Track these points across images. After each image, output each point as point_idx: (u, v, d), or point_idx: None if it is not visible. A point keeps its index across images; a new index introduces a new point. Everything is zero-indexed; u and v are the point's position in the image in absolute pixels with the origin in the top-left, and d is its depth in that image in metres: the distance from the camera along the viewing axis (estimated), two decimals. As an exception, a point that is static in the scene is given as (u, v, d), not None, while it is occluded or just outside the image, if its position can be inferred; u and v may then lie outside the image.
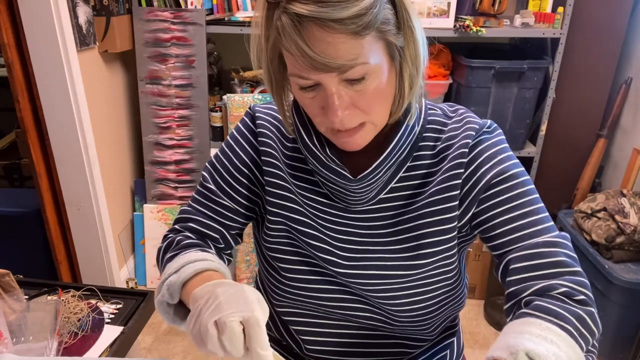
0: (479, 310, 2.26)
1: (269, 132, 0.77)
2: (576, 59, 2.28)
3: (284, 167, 0.76)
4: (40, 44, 1.76)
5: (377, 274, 0.74)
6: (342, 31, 0.56)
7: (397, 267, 0.73)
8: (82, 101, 1.89)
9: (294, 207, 0.76)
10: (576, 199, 2.41)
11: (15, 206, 2.17)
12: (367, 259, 0.74)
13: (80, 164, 1.96)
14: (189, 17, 2.14)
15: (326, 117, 0.64)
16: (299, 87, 0.63)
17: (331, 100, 0.61)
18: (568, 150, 2.45)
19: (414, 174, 0.73)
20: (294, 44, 0.57)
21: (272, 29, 0.61)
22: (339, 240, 0.75)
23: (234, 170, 0.79)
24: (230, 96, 2.26)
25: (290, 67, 0.62)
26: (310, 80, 0.61)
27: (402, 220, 0.74)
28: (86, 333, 1.05)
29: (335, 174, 0.70)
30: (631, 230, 1.85)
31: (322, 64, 0.57)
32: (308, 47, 0.57)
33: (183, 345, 2.04)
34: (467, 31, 2.07)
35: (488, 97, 2.22)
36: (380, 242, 0.74)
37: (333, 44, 0.57)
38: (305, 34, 0.56)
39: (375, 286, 0.74)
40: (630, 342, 1.88)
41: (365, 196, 0.73)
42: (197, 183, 0.84)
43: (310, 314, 0.80)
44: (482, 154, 0.71)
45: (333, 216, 0.75)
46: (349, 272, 0.75)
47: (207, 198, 0.80)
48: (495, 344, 0.59)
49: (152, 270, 2.40)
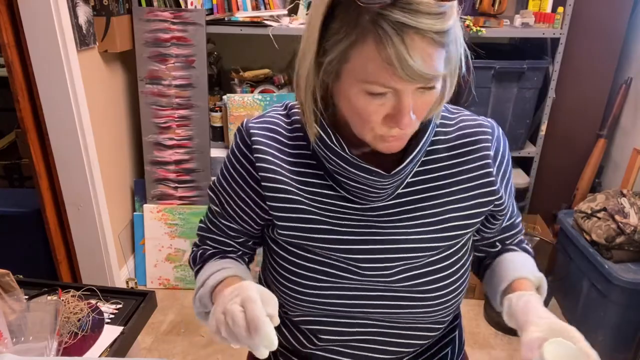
0: (479, 310, 2.26)
1: (265, 146, 0.76)
2: (576, 59, 2.28)
3: (288, 176, 0.75)
4: (40, 44, 1.76)
5: (403, 267, 0.76)
6: (438, 44, 0.58)
7: (421, 262, 0.77)
8: (82, 101, 1.89)
9: (305, 217, 0.75)
10: (576, 199, 2.41)
11: (15, 206, 2.17)
12: (389, 250, 0.76)
13: (80, 163, 1.96)
14: (189, 17, 2.14)
15: (387, 125, 0.64)
16: (368, 94, 0.62)
17: (406, 109, 0.62)
18: (568, 150, 2.45)
19: (430, 167, 0.76)
20: (395, 53, 0.57)
21: (351, 34, 0.59)
22: (360, 237, 0.76)
23: (234, 195, 0.79)
24: (230, 96, 2.26)
25: (370, 74, 0.60)
26: (387, 89, 0.61)
27: (425, 214, 0.76)
28: (86, 333, 1.05)
29: (366, 172, 0.71)
30: (631, 230, 1.85)
31: (418, 75, 0.58)
32: (411, 58, 0.57)
33: (183, 345, 2.04)
34: (467, 31, 2.07)
35: (488, 97, 2.22)
36: (400, 238, 0.76)
37: (432, 56, 0.58)
38: (408, 44, 0.56)
39: (403, 280, 0.76)
40: (630, 342, 1.88)
41: (387, 193, 0.74)
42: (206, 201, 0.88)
43: (325, 316, 0.80)
44: (502, 154, 0.79)
45: (351, 215, 0.76)
46: (374, 265, 0.76)
47: (216, 219, 0.84)
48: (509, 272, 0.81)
49: (152, 270, 2.40)
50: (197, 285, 0.81)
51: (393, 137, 0.67)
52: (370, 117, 0.64)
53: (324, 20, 0.61)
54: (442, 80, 0.66)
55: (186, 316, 2.19)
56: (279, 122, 0.78)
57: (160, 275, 2.40)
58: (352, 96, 0.64)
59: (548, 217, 2.50)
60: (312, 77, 0.66)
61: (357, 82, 0.62)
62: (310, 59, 0.65)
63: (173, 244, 2.37)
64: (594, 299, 1.98)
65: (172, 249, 2.37)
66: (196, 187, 2.33)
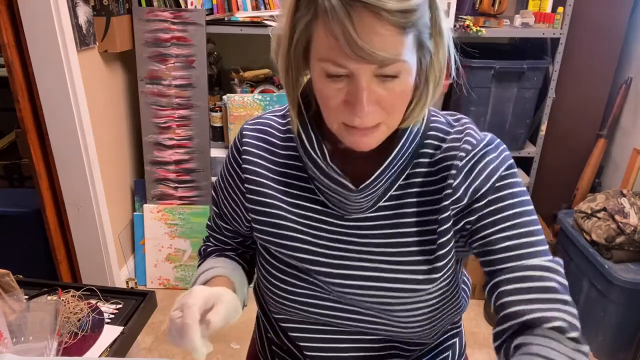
0: (479, 310, 2.26)
1: (254, 149, 0.76)
2: (576, 59, 2.28)
3: (273, 179, 0.75)
4: (40, 44, 1.76)
5: (372, 285, 0.72)
6: (393, 23, 0.55)
7: (394, 279, 0.72)
8: (82, 101, 1.89)
9: (282, 224, 0.74)
10: (576, 199, 2.41)
11: (15, 206, 2.17)
12: (363, 268, 0.73)
13: (80, 164, 1.96)
14: (189, 17, 2.14)
15: (347, 112, 0.61)
16: (326, 75, 0.60)
17: (361, 94, 0.59)
18: (568, 150, 2.46)
19: (412, 181, 0.72)
20: (340, 27, 0.55)
21: (311, 9, 0.58)
22: (334, 249, 0.74)
23: (227, 196, 0.81)
24: (230, 96, 2.26)
25: (323, 51, 0.58)
26: (343, 69, 0.58)
27: (399, 232, 0.72)
28: (86, 333, 1.05)
29: (336, 184, 0.69)
30: (631, 230, 1.85)
31: (367, 53, 0.55)
32: (356, 33, 0.54)
33: (183, 345, 2.04)
34: (467, 31, 2.07)
35: (488, 97, 2.22)
36: (377, 251, 0.73)
37: (381, 35, 0.55)
38: (355, 19, 0.54)
39: (371, 297, 0.73)
40: (630, 342, 1.88)
41: (365, 205, 0.71)
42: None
43: (307, 322, 0.79)
44: (480, 169, 0.68)
45: (328, 224, 0.74)
46: (342, 282, 0.73)
47: (219, 217, 0.86)
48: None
49: (152, 270, 2.40)
50: (192, 281, 0.83)
51: (357, 130, 0.63)
52: (329, 102, 0.62)
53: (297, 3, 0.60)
54: (418, 77, 0.63)
55: (186, 316, 2.19)
56: (272, 124, 0.78)
57: (160, 275, 2.40)
58: (315, 78, 0.62)
59: (548, 217, 2.50)
60: (290, 68, 0.65)
61: (316, 62, 0.61)
62: (284, 42, 0.63)
63: (173, 244, 2.37)
64: (594, 299, 1.98)
65: (172, 249, 2.37)
66: (196, 187, 2.33)
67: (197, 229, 2.32)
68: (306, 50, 0.62)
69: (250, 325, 0.99)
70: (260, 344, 0.94)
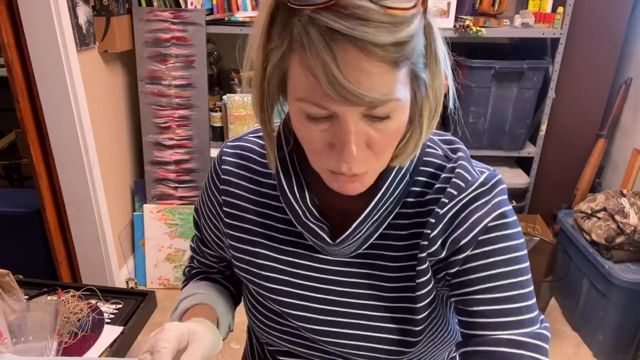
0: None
1: (232, 176, 0.70)
2: (576, 59, 2.28)
3: (252, 213, 0.69)
4: (40, 44, 1.76)
5: (355, 334, 0.66)
6: (383, 59, 0.46)
7: (379, 328, 0.65)
8: (82, 101, 1.89)
9: (260, 262, 0.68)
10: (576, 199, 2.41)
11: (15, 206, 2.17)
12: (345, 314, 0.66)
13: (80, 164, 1.96)
14: (189, 17, 2.14)
15: (332, 157, 0.53)
16: (307, 117, 0.51)
17: (348, 138, 0.50)
18: (568, 150, 2.46)
19: (397, 222, 0.63)
20: (321, 65, 0.46)
21: (285, 40, 0.49)
22: (315, 290, 0.67)
23: (208, 221, 0.76)
24: (230, 96, 2.26)
25: (302, 90, 0.50)
26: (325, 111, 0.50)
27: (384, 275, 0.64)
28: (86, 333, 1.05)
29: (312, 234, 0.62)
30: (631, 230, 1.85)
31: (353, 95, 0.47)
32: (339, 72, 0.46)
33: (183, 345, 2.03)
34: (467, 31, 2.07)
35: (488, 97, 2.22)
36: (361, 294, 0.66)
37: (369, 73, 0.46)
38: (338, 55, 0.46)
39: (353, 347, 0.66)
40: (630, 342, 1.88)
41: (346, 251, 0.64)
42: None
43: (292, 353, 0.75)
44: (463, 218, 0.59)
45: (310, 262, 0.67)
46: (324, 328, 0.67)
47: (201, 242, 0.82)
48: None
49: (152, 270, 2.40)
50: (172, 308, 0.80)
51: (344, 176, 0.54)
52: (311, 145, 0.53)
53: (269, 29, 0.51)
54: (412, 111, 0.54)
55: (186, 316, 2.19)
56: (252, 148, 0.70)
57: (160, 275, 2.40)
58: (294, 118, 0.53)
59: (548, 217, 2.50)
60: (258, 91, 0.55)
61: (293, 101, 0.52)
62: (257, 71, 0.54)
63: (173, 244, 2.37)
64: (594, 299, 1.98)
65: (172, 249, 2.37)
66: (196, 187, 2.33)
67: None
68: (282, 84, 0.54)
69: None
70: (250, 352, 0.93)
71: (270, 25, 0.51)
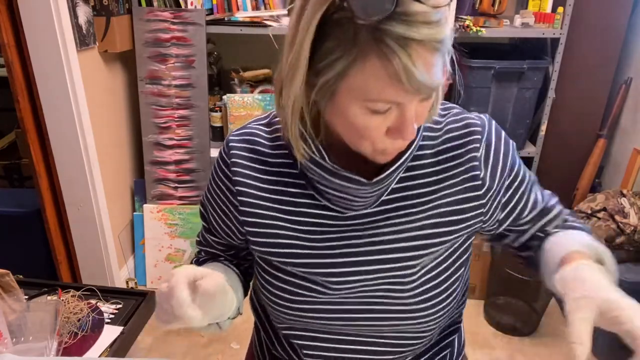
0: (479, 310, 2.26)
1: (243, 160, 0.75)
2: (576, 59, 2.28)
3: (265, 191, 0.74)
4: (40, 44, 1.76)
5: (380, 276, 0.73)
6: (440, 52, 0.56)
7: (399, 265, 0.73)
8: (82, 101, 1.89)
9: (279, 232, 0.74)
10: (576, 199, 2.41)
11: (15, 206, 2.17)
12: (368, 262, 0.73)
13: (80, 164, 1.96)
14: (189, 17, 2.14)
15: (389, 139, 0.62)
16: (371, 112, 0.60)
17: (410, 121, 0.60)
18: (568, 150, 2.46)
19: (415, 173, 0.73)
20: (403, 68, 0.54)
21: (353, 51, 0.55)
22: (335, 248, 0.74)
23: (217, 210, 0.80)
24: (230, 96, 2.26)
25: (374, 92, 0.57)
26: (390, 104, 0.59)
27: (408, 220, 0.73)
28: (86, 333, 1.05)
29: (346, 181, 0.68)
30: (631, 230, 1.85)
31: (426, 87, 0.57)
32: (417, 70, 0.55)
33: (183, 345, 2.04)
34: (467, 31, 2.07)
35: (488, 97, 2.22)
36: (384, 240, 0.73)
37: (433, 65, 0.56)
38: (414, 57, 0.54)
39: (378, 290, 0.74)
40: (630, 342, 1.88)
41: (370, 199, 0.72)
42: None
43: (309, 329, 0.79)
44: (495, 152, 0.75)
45: (327, 226, 0.74)
46: (347, 279, 0.73)
47: (208, 232, 0.86)
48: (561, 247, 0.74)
49: (152, 270, 2.40)
50: None
51: (393, 149, 0.65)
52: (372, 133, 0.62)
53: (313, 41, 0.57)
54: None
55: (186, 316, 2.19)
56: (258, 133, 0.77)
57: (160, 275, 2.40)
58: (350, 115, 0.61)
59: (548, 217, 2.50)
60: (301, 98, 0.62)
61: (356, 101, 0.59)
62: (299, 82, 0.61)
63: (173, 244, 2.37)
64: (594, 299, 1.98)
65: (172, 249, 2.37)
66: (196, 187, 2.33)
67: (197, 229, 2.31)
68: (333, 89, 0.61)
69: (249, 325, 0.99)
70: (259, 350, 0.94)
71: (317, 41, 0.57)
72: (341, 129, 0.65)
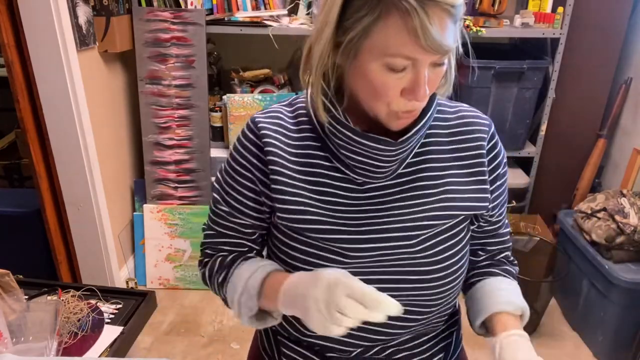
0: (479, 310, 2.25)
1: (274, 140, 0.78)
2: (576, 59, 2.28)
3: (292, 163, 0.78)
4: (40, 44, 1.76)
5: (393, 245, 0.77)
6: (454, 16, 0.63)
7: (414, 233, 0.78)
8: (82, 101, 1.89)
9: (303, 201, 0.77)
10: (576, 199, 2.41)
11: (15, 206, 2.17)
12: (384, 230, 0.77)
13: (80, 164, 1.96)
14: (189, 17, 2.14)
15: (404, 100, 0.68)
16: (390, 68, 0.66)
17: (422, 81, 0.66)
18: (568, 150, 2.46)
19: (429, 149, 0.80)
20: (420, 24, 0.61)
21: (377, 9, 0.63)
22: (355, 224, 0.77)
23: (242, 188, 0.80)
24: (230, 96, 2.26)
25: (394, 47, 0.64)
26: (408, 62, 0.65)
27: (423, 193, 0.78)
28: (86, 333, 1.05)
29: (374, 142, 0.72)
30: (631, 230, 1.85)
31: (440, 46, 0.63)
32: (434, 29, 0.61)
33: (183, 345, 2.04)
34: (467, 31, 2.06)
35: (488, 97, 2.22)
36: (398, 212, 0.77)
37: (448, 28, 0.63)
38: (432, 17, 0.61)
39: (390, 256, 0.77)
40: (630, 342, 1.88)
41: (391, 168, 0.76)
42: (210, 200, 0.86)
43: None
44: (497, 149, 0.83)
45: (349, 199, 0.78)
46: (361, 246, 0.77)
47: (224, 219, 0.84)
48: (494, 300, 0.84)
49: (152, 270, 2.40)
50: (232, 294, 0.80)
51: (406, 112, 0.70)
52: (388, 92, 0.67)
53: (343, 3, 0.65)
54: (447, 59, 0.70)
55: (186, 316, 2.19)
56: (282, 111, 0.81)
57: (160, 275, 2.40)
58: (370, 72, 0.67)
59: (548, 217, 2.50)
60: (326, 57, 0.69)
61: (377, 57, 0.65)
62: (327, 39, 0.68)
63: (173, 244, 2.37)
64: (594, 299, 1.98)
65: (172, 249, 2.37)
66: (196, 187, 2.33)
67: (197, 229, 2.32)
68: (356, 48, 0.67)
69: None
70: (267, 344, 0.94)
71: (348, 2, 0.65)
72: (360, 89, 0.71)
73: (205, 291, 2.37)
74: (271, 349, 0.92)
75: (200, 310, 2.23)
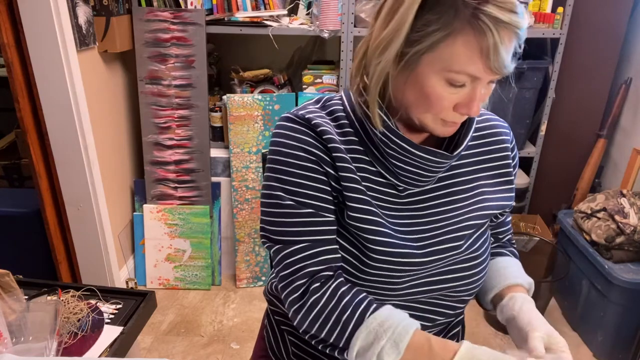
0: (479, 310, 2.26)
1: (333, 135, 0.75)
2: (576, 59, 2.28)
3: (352, 168, 0.76)
4: (40, 44, 1.76)
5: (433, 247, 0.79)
6: (520, 39, 0.66)
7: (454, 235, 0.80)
8: (82, 101, 1.89)
9: (365, 199, 0.76)
10: (576, 199, 2.41)
11: (15, 206, 2.17)
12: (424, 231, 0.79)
13: (80, 164, 1.96)
14: (189, 17, 2.14)
15: (456, 113, 0.70)
16: (449, 84, 0.67)
17: (477, 98, 0.69)
18: (568, 150, 2.46)
19: (463, 153, 0.82)
20: (493, 45, 0.63)
21: (450, 25, 0.63)
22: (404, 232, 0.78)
23: (319, 184, 0.75)
24: (230, 96, 2.26)
25: (460, 64, 0.65)
26: (469, 79, 0.67)
27: (461, 197, 0.81)
28: (86, 333, 1.05)
29: (432, 154, 0.75)
30: (631, 230, 1.85)
31: (505, 67, 0.65)
32: (505, 50, 0.63)
33: (183, 345, 2.04)
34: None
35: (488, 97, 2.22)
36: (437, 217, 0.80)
37: (511, 50, 0.65)
38: (504, 39, 0.63)
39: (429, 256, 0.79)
40: (630, 342, 1.88)
41: (439, 174, 0.79)
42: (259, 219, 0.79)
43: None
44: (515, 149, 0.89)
45: (392, 203, 0.79)
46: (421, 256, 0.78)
47: (307, 224, 0.75)
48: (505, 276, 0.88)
49: (152, 270, 2.40)
50: (370, 346, 0.69)
51: (454, 122, 0.73)
52: (443, 104, 0.69)
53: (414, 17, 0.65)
54: None
55: (186, 316, 2.19)
56: (319, 113, 0.79)
57: (160, 275, 2.40)
58: (427, 85, 0.68)
59: (548, 217, 2.50)
60: (389, 67, 0.69)
61: (439, 71, 0.67)
62: (394, 53, 0.68)
63: (173, 244, 2.37)
64: (594, 299, 1.98)
65: (172, 249, 2.37)
66: (196, 187, 2.33)
67: (196, 229, 2.32)
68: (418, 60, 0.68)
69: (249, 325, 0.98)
70: (275, 344, 0.93)
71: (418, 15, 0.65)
72: (412, 99, 0.71)
73: (205, 291, 2.37)
74: (279, 350, 0.92)
75: (200, 310, 2.23)
